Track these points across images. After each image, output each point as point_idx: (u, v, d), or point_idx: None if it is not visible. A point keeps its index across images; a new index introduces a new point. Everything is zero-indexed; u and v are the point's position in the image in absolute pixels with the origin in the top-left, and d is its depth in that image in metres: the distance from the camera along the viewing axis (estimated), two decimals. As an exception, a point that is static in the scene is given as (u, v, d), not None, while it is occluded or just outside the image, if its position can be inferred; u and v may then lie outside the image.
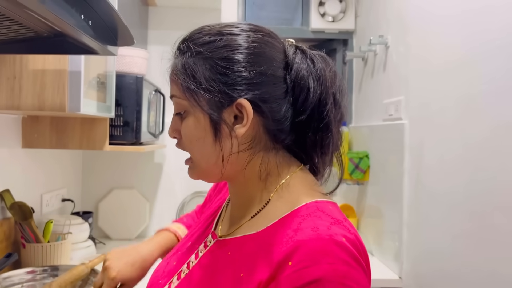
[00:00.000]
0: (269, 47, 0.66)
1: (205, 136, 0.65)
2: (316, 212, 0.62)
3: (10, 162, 1.50)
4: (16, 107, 1.12)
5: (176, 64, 0.67)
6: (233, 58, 0.64)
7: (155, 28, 2.28)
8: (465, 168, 1.29)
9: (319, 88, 0.66)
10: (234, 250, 0.66)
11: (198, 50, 0.65)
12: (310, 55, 0.68)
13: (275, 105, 0.65)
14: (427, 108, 1.52)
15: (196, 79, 0.64)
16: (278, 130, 0.66)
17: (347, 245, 0.57)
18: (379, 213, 1.88)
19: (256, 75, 0.64)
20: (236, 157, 0.65)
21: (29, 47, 0.97)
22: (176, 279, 0.71)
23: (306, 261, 0.55)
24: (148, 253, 0.93)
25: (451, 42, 1.38)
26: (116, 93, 1.54)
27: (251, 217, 0.68)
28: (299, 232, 0.59)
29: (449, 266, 1.35)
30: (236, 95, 0.63)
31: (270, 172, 0.67)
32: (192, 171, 0.70)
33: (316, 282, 0.54)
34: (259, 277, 0.58)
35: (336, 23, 2.37)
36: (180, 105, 0.67)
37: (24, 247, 1.48)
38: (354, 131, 2.27)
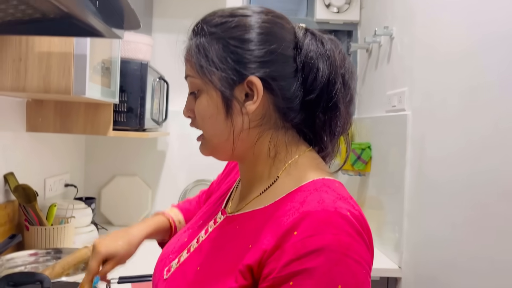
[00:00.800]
0: (279, 27, 0.68)
1: (217, 113, 0.67)
2: (322, 187, 0.64)
3: (14, 146, 1.51)
4: (22, 89, 1.12)
5: (190, 45, 0.70)
6: (244, 37, 0.66)
7: (160, 16, 2.27)
8: (467, 159, 1.29)
9: (328, 68, 0.68)
10: (242, 224, 0.68)
11: (211, 30, 0.67)
12: (319, 37, 0.70)
13: (285, 83, 0.67)
14: (430, 99, 1.52)
15: (208, 58, 0.66)
16: (287, 108, 0.68)
17: (351, 219, 0.59)
18: (380, 204, 1.89)
19: (267, 54, 0.66)
20: (246, 134, 0.68)
21: (35, 29, 0.97)
22: (186, 253, 0.73)
23: (310, 231, 0.57)
24: (136, 231, 0.95)
25: (456, 33, 1.38)
26: (121, 79, 1.54)
27: (260, 193, 0.70)
28: (305, 204, 0.60)
29: (448, 256, 1.36)
30: (247, 73, 0.66)
31: (278, 150, 0.69)
32: (203, 147, 0.72)
33: (319, 250, 0.56)
34: (265, 246, 0.60)
35: (341, 14, 2.36)
36: (194, 84, 0.70)
37: (27, 229, 1.49)
38: (357, 122, 2.27)
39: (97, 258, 0.88)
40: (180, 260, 0.73)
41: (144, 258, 1.04)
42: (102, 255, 0.88)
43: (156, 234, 0.99)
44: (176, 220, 1.02)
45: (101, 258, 0.88)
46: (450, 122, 1.39)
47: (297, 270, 0.56)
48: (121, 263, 0.91)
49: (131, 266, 0.96)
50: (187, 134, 2.23)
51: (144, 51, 1.70)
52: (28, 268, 1.32)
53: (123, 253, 0.90)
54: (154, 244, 1.04)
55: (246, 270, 0.61)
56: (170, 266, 0.74)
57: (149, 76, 1.69)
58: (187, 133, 2.22)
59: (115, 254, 0.89)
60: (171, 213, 1.03)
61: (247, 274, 0.61)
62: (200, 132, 0.72)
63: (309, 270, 0.55)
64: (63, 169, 1.95)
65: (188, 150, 2.28)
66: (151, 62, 1.81)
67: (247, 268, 0.61)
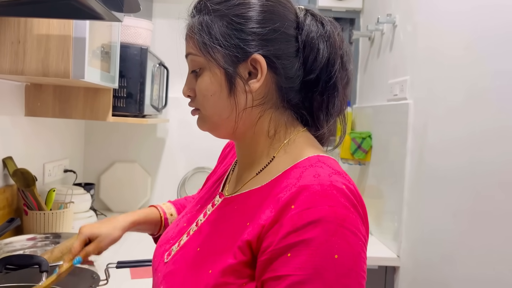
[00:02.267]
0: (282, 6, 0.69)
1: (220, 91, 0.67)
2: (318, 163, 0.65)
3: (12, 130, 1.50)
4: (20, 72, 1.11)
5: (193, 22, 0.69)
6: (248, 15, 0.66)
7: (161, 1, 2.25)
8: (468, 149, 1.28)
9: (328, 49, 0.69)
10: (240, 204, 0.69)
11: (214, 8, 0.67)
12: (320, 18, 0.71)
13: (288, 62, 0.68)
14: (432, 89, 1.51)
15: (212, 35, 0.66)
16: (289, 88, 0.69)
17: (346, 192, 0.60)
18: (380, 193, 1.89)
19: (270, 32, 0.66)
20: (249, 112, 0.68)
21: (34, 10, 0.96)
22: (186, 236, 0.74)
23: (307, 204, 0.58)
24: (123, 217, 0.96)
25: (460, 22, 1.36)
26: (120, 64, 1.53)
27: (256, 173, 0.71)
28: (301, 179, 0.62)
29: (447, 246, 1.36)
30: (251, 50, 0.66)
31: (277, 130, 0.70)
32: (202, 122, 0.72)
33: (316, 222, 0.57)
34: (263, 222, 0.61)
35: (344, 2, 2.33)
36: (196, 62, 0.69)
37: (26, 214, 1.49)
38: (358, 111, 2.26)
39: (80, 239, 0.89)
40: (180, 244, 0.73)
41: (142, 243, 1.04)
42: (85, 236, 0.90)
43: (144, 224, 0.99)
44: (168, 213, 1.02)
45: (84, 238, 0.90)
46: (452, 112, 1.38)
47: (295, 241, 0.57)
48: (103, 245, 0.92)
49: (129, 251, 0.96)
50: (187, 121, 2.23)
51: (144, 36, 1.68)
52: (26, 252, 1.32)
53: (106, 234, 0.91)
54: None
55: (245, 246, 0.62)
56: (170, 250, 0.74)
57: (149, 61, 1.67)
58: (187, 120, 2.21)
59: (98, 234, 0.90)
60: (163, 206, 1.03)
61: (246, 249, 0.62)
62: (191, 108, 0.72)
63: (306, 241, 0.57)
64: (62, 154, 1.95)
65: (188, 137, 2.27)
66: (151, 47, 1.80)
67: (246, 244, 0.62)
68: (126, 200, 2.24)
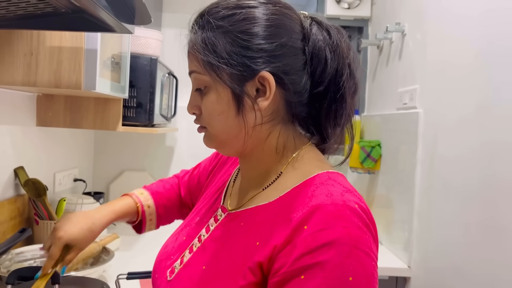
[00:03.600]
0: (287, 19, 0.66)
1: (228, 110, 0.65)
2: (328, 181, 0.63)
3: (24, 140, 1.51)
4: (33, 84, 1.12)
5: (195, 39, 0.66)
6: (253, 30, 0.64)
7: (170, 11, 2.27)
8: (480, 159, 1.27)
9: (336, 59, 0.67)
10: (247, 220, 0.67)
11: (218, 24, 0.64)
12: (326, 27, 0.69)
13: (296, 77, 0.66)
14: (443, 97, 1.50)
15: (217, 53, 0.64)
16: (298, 102, 0.67)
17: (359, 212, 0.59)
18: (390, 202, 1.87)
19: (277, 47, 0.64)
20: (258, 129, 0.66)
21: (47, 23, 0.97)
22: (188, 253, 0.71)
23: (321, 225, 0.57)
24: (99, 217, 0.93)
25: (470, 30, 1.36)
26: (130, 74, 1.54)
27: (263, 189, 0.69)
28: (314, 198, 0.60)
29: (459, 257, 1.35)
30: (258, 68, 0.63)
31: (286, 145, 0.68)
32: (209, 139, 0.70)
33: (330, 244, 0.56)
34: (275, 242, 0.60)
35: (352, 10, 2.34)
36: (201, 81, 0.67)
37: (37, 223, 1.50)
38: (367, 119, 2.25)
39: (58, 245, 0.87)
40: (183, 261, 0.71)
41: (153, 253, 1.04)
42: (63, 242, 0.87)
43: (121, 219, 0.97)
44: (145, 205, 0.99)
45: (62, 244, 0.87)
46: (463, 121, 1.37)
47: (309, 264, 0.56)
48: (81, 250, 0.90)
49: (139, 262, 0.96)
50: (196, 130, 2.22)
51: (153, 46, 1.69)
52: (37, 262, 1.33)
53: (84, 240, 0.89)
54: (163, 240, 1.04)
55: (255, 267, 0.60)
56: (173, 267, 0.72)
57: (158, 71, 1.69)
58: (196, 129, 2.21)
59: (76, 241, 0.88)
60: (140, 197, 1.00)
61: (256, 271, 0.60)
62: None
63: (320, 263, 0.55)
64: (73, 163, 1.96)
65: (197, 146, 2.26)
66: (161, 57, 1.81)
67: (257, 265, 0.60)
68: (135, 209, 2.24)
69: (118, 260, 1.41)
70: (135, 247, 1.74)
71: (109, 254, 1.33)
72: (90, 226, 0.90)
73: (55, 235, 0.87)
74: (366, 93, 2.36)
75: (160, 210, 1.02)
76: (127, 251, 1.66)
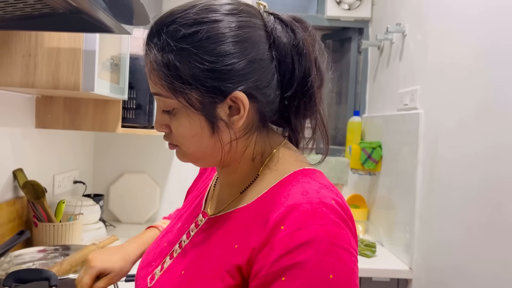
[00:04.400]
0: (252, 28, 0.62)
1: (202, 132, 0.63)
2: (304, 178, 0.63)
3: (23, 142, 1.51)
4: (31, 85, 1.12)
5: (155, 60, 0.61)
6: (219, 50, 0.59)
7: (169, 13, 2.26)
8: (481, 159, 1.26)
9: (303, 61, 0.65)
10: (225, 224, 0.66)
11: (179, 46, 0.59)
12: (289, 25, 0.65)
13: (267, 89, 0.64)
14: (443, 98, 1.49)
15: (183, 79, 0.59)
16: (269, 110, 0.66)
17: (336, 208, 0.59)
18: (391, 204, 1.86)
19: (247, 64, 0.60)
20: (234, 144, 0.65)
21: (45, 24, 0.97)
22: (169, 259, 0.71)
23: (297, 224, 0.57)
24: (132, 248, 0.92)
25: (471, 30, 1.35)
26: (130, 76, 1.53)
27: (241, 192, 0.68)
28: (289, 198, 0.60)
29: (461, 259, 1.34)
30: (229, 90, 0.60)
31: (264, 151, 0.68)
32: (182, 155, 0.68)
33: (308, 243, 0.55)
34: (253, 244, 0.59)
35: (352, 11, 2.33)
36: (168, 104, 0.63)
37: (36, 226, 1.49)
38: (368, 121, 2.24)
39: (91, 273, 0.84)
40: (163, 267, 0.70)
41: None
42: (97, 270, 0.85)
43: None
44: None
45: (96, 273, 0.84)
46: (464, 122, 1.36)
47: (288, 264, 0.55)
48: (115, 281, 0.87)
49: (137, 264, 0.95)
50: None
51: (153, 47, 1.68)
52: (36, 264, 1.32)
53: (118, 269, 0.87)
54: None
55: (234, 270, 0.60)
56: (153, 274, 0.71)
57: (158, 73, 1.68)
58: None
59: (110, 270, 0.86)
60: (164, 226, 1.00)
61: (235, 273, 0.60)
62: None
63: (300, 263, 0.55)
64: (72, 166, 1.95)
65: (197, 147, 2.26)
66: (160, 59, 1.80)
67: (236, 268, 0.60)
68: (135, 211, 2.24)
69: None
70: (134, 250, 1.73)
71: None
72: (124, 256, 0.89)
73: (88, 264, 0.85)
74: (366, 94, 2.35)
75: None
76: (126, 254, 1.65)
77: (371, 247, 1.77)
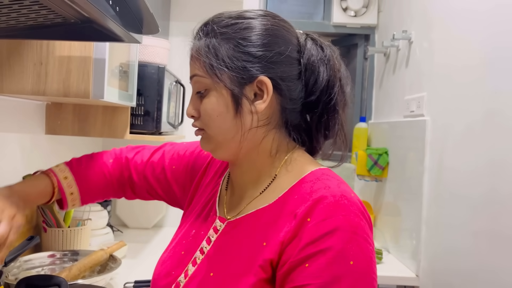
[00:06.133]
0: (285, 31, 0.72)
1: (226, 111, 0.68)
2: (323, 176, 0.68)
3: (33, 148, 1.53)
4: (42, 93, 1.13)
5: (199, 44, 0.71)
6: (254, 38, 0.68)
7: (177, 20, 2.28)
8: (489, 166, 1.26)
9: (328, 71, 0.72)
10: (249, 225, 0.69)
11: (221, 31, 0.69)
12: (319, 43, 0.74)
13: (291, 84, 0.71)
14: (451, 105, 1.49)
15: (219, 57, 0.68)
16: (292, 109, 0.72)
17: (355, 201, 0.64)
18: (397, 210, 1.86)
19: (275, 55, 0.68)
20: (253, 132, 0.70)
21: (56, 33, 0.98)
22: (192, 266, 0.72)
23: (323, 215, 0.62)
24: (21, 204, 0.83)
25: (478, 38, 1.35)
26: (138, 83, 1.55)
27: (260, 192, 0.72)
28: (313, 193, 0.65)
29: (468, 266, 1.33)
30: (257, 72, 0.68)
31: (279, 149, 0.72)
32: (205, 142, 0.73)
33: (332, 231, 0.61)
34: (281, 238, 0.63)
35: (358, 18, 2.34)
36: (202, 84, 0.71)
37: (45, 231, 1.51)
38: (374, 127, 2.24)
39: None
40: (188, 274, 0.71)
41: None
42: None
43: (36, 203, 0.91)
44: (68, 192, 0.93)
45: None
46: (472, 129, 1.36)
47: (312, 252, 0.60)
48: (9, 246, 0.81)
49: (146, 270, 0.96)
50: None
51: (161, 55, 1.71)
52: (45, 269, 1.34)
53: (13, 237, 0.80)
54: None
55: (266, 264, 0.63)
56: (177, 282, 0.72)
57: (166, 79, 1.70)
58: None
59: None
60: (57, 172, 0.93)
61: (267, 267, 0.63)
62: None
63: (323, 250, 0.60)
64: (80, 171, 1.97)
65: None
66: (168, 65, 1.82)
67: (268, 262, 0.63)
68: (142, 216, 2.25)
69: (125, 268, 1.41)
70: (142, 255, 1.74)
71: (116, 262, 1.34)
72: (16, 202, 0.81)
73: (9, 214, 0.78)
74: (373, 101, 2.35)
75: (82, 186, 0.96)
76: (134, 259, 1.67)
77: (378, 254, 1.77)
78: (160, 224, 2.31)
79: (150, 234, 2.12)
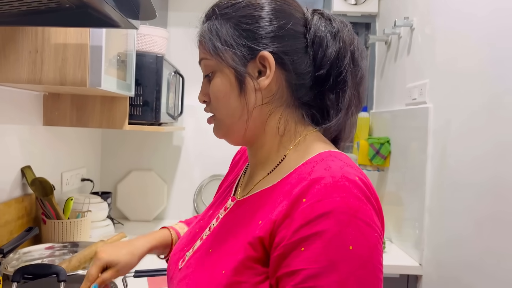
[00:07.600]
0: (288, 5, 0.70)
1: (231, 91, 0.68)
2: (329, 157, 0.64)
3: (31, 139, 1.51)
4: (38, 81, 1.11)
5: (203, 28, 0.72)
6: (255, 14, 0.68)
7: (175, 10, 2.26)
8: (492, 154, 1.24)
9: (336, 43, 0.69)
10: (253, 204, 0.69)
11: (222, 12, 0.70)
12: (327, 16, 0.72)
13: (296, 58, 0.68)
14: (454, 91, 1.47)
15: (221, 37, 0.68)
16: (300, 84, 0.69)
17: (359, 183, 0.59)
18: (400, 200, 1.84)
19: (277, 29, 0.67)
20: (259, 110, 0.68)
21: (51, 19, 0.96)
22: (199, 241, 0.74)
23: (318, 196, 0.57)
24: (140, 242, 0.91)
25: (480, 23, 1.33)
26: (136, 72, 1.53)
27: (268, 173, 0.70)
28: (312, 173, 0.61)
29: (472, 254, 1.32)
30: (259, 48, 0.67)
31: (287, 127, 0.70)
32: (217, 128, 0.73)
33: (328, 213, 0.56)
34: (274, 217, 0.60)
35: (359, 6, 2.31)
36: (208, 66, 0.71)
37: (44, 223, 1.50)
38: (375, 116, 2.22)
39: (98, 265, 0.84)
40: (194, 249, 0.73)
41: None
42: (103, 262, 0.84)
43: (159, 248, 0.95)
44: (182, 233, 0.98)
45: (102, 265, 0.84)
46: (475, 115, 1.34)
47: (307, 234, 0.56)
48: (121, 273, 0.87)
49: (147, 260, 0.94)
50: (203, 129, 2.22)
51: (159, 44, 1.68)
52: (45, 261, 1.32)
53: (125, 262, 0.86)
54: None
55: (256, 242, 0.61)
56: (184, 256, 0.74)
57: (164, 69, 1.68)
58: (203, 128, 2.21)
59: (117, 262, 0.85)
60: (176, 227, 1.00)
61: (257, 245, 0.61)
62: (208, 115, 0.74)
63: (318, 233, 0.55)
64: (80, 163, 1.96)
65: (204, 145, 2.26)
66: (167, 56, 1.80)
67: (258, 240, 0.61)
68: (143, 209, 2.24)
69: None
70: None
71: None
72: (132, 250, 0.89)
73: (96, 257, 0.86)
74: (374, 90, 2.33)
75: None
76: (134, 251, 1.65)
77: (380, 243, 1.76)
78: (161, 217, 2.30)
79: (151, 227, 2.10)
